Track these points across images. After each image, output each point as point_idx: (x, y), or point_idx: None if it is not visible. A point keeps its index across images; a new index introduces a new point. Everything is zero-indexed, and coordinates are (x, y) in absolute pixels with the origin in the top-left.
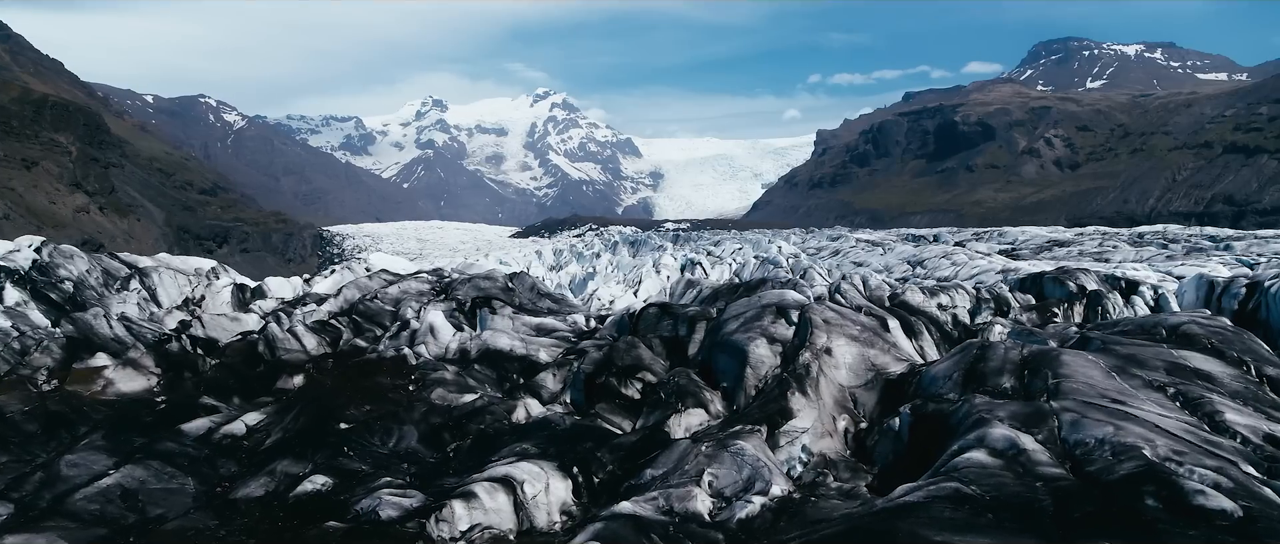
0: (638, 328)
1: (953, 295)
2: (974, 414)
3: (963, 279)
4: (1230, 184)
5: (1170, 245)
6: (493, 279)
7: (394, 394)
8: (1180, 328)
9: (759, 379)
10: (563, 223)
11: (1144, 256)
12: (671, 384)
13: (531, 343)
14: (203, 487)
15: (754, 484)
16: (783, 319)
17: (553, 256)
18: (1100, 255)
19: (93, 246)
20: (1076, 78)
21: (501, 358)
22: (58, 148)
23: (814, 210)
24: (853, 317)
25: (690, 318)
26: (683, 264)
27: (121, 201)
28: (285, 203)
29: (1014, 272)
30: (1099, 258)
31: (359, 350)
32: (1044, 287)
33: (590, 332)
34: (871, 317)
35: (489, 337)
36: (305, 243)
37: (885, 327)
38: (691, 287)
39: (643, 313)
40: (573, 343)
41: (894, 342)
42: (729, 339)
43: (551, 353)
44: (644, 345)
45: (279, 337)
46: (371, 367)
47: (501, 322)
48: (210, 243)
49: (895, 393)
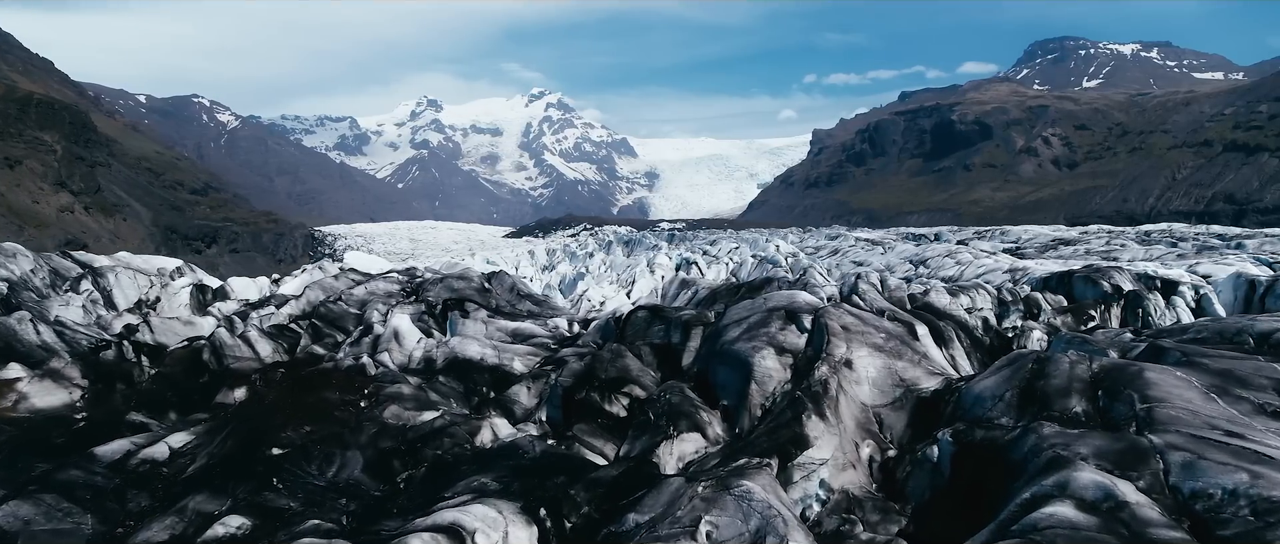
0: (625, 334)
1: (973, 296)
2: (1045, 449)
3: (969, 279)
4: (1231, 183)
5: (1179, 244)
6: (467, 279)
7: (342, 412)
8: (1273, 335)
9: (766, 396)
10: (557, 222)
11: (1154, 255)
12: (662, 402)
13: (505, 351)
14: (103, 527)
15: (764, 538)
16: (793, 325)
17: (545, 256)
18: (1108, 254)
19: (76, 246)
20: (1073, 77)
21: (470, 368)
22: (42, 146)
23: (810, 210)
24: (875, 322)
25: (685, 323)
26: (678, 263)
27: (108, 201)
28: (279, 203)
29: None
30: (1107, 256)
31: (315, 359)
32: (1074, 286)
33: (573, 337)
34: (896, 322)
35: (457, 344)
36: (297, 243)
37: (913, 334)
38: (687, 287)
39: (631, 317)
40: (552, 351)
41: (924, 352)
42: (730, 349)
43: (527, 362)
44: (631, 354)
45: (227, 343)
46: (323, 378)
47: (473, 326)
48: (198, 243)
49: (929, 414)
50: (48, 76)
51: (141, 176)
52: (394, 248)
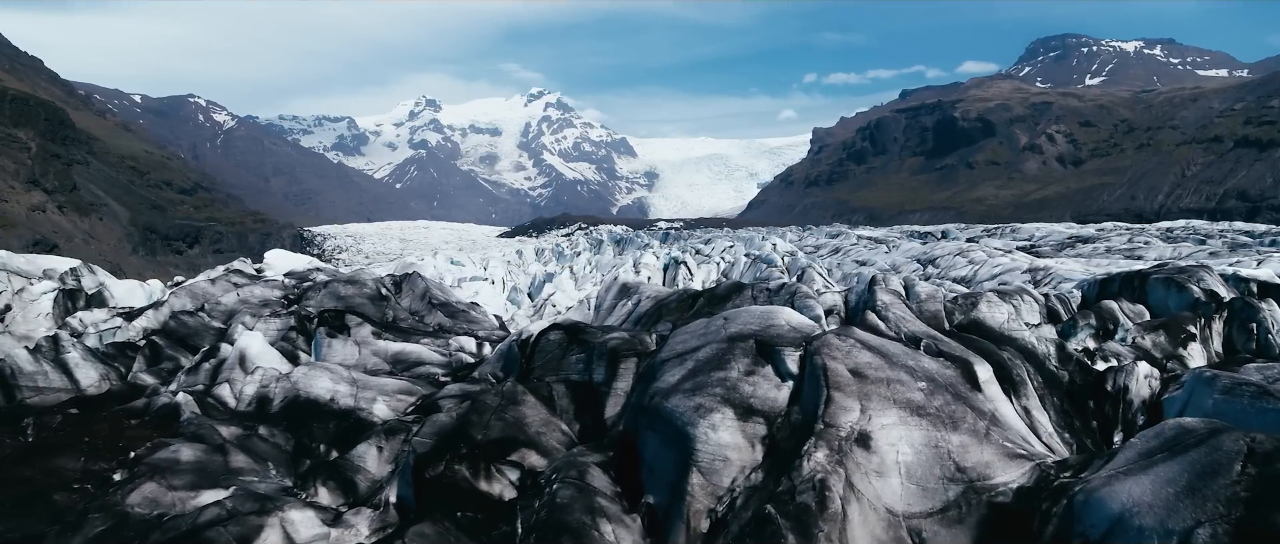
0: (532, 365)
1: (1017, 304)
2: None
3: (983, 281)
4: (1243, 179)
5: (1207, 241)
6: (358, 285)
7: (78, 490)
8: None
9: (717, 497)
10: (552, 222)
11: (1182, 253)
12: (544, 501)
13: (367, 388)
14: None
15: None
16: (768, 366)
17: (533, 256)
18: (1131, 252)
19: (45, 247)
20: (1075, 75)
21: (314, 412)
22: (16, 143)
23: (810, 209)
24: (908, 360)
25: (611, 351)
26: (666, 264)
27: (83, 200)
28: (274, 203)
29: (1046, 271)
30: (1130, 255)
31: (135, 392)
32: (1149, 292)
33: (473, 365)
34: (942, 358)
35: (302, 378)
36: (284, 243)
37: (971, 380)
38: (626, 295)
39: (540, 341)
40: (435, 387)
41: (992, 411)
42: (664, 407)
43: (394, 404)
44: (535, 397)
45: (25, 370)
46: (115, 427)
47: (343, 349)
48: (179, 243)
49: (1011, 531)
50: (36, 75)
51: (123, 175)
52: (384, 248)
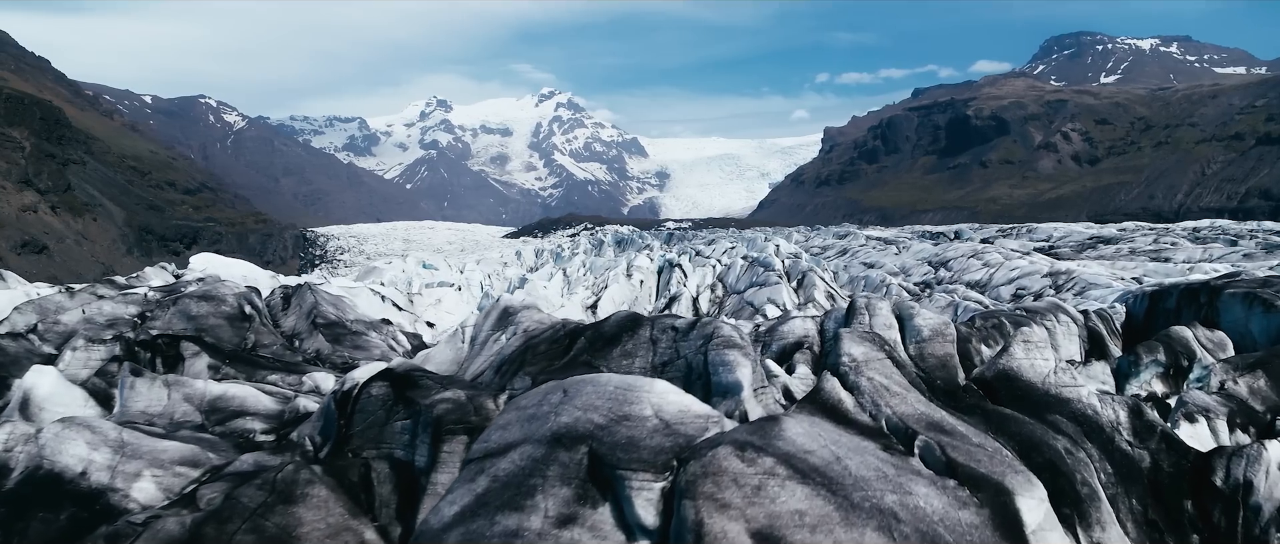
0: (351, 428)
1: (1049, 327)
2: None
3: (999, 285)
4: (1266, 177)
5: (1239, 242)
6: (215, 301)
7: None
8: None
9: None
10: (558, 222)
11: (1213, 255)
12: None
13: (136, 457)
14: None
15: None
16: (601, 506)
17: (533, 257)
18: (1157, 254)
19: (36, 248)
20: (1090, 73)
21: (54, 492)
22: (10, 143)
23: (821, 209)
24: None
25: (436, 421)
26: (660, 266)
27: (78, 200)
28: (284, 204)
29: (1067, 274)
30: (1156, 257)
31: None
32: (1222, 311)
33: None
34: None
35: (51, 441)
36: (286, 244)
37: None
38: (505, 324)
39: (361, 397)
40: (240, 450)
41: None
42: None
43: (169, 481)
44: (328, 485)
45: None
46: None
47: (148, 392)
48: (176, 244)
49: None
50: (42, 75)
51: (122, 175)
52: (387, 249)
